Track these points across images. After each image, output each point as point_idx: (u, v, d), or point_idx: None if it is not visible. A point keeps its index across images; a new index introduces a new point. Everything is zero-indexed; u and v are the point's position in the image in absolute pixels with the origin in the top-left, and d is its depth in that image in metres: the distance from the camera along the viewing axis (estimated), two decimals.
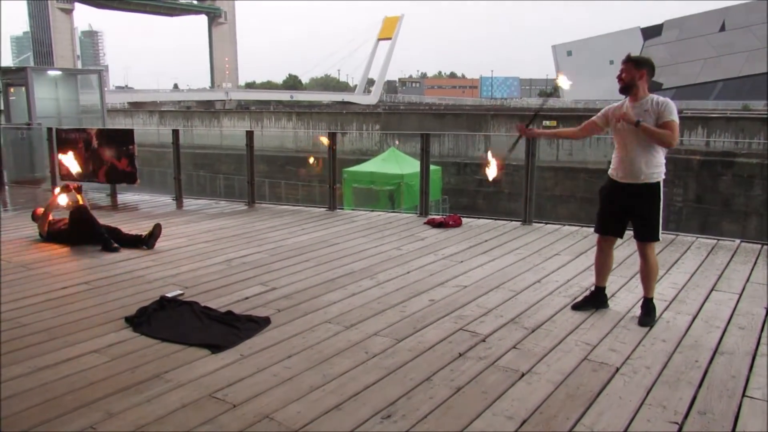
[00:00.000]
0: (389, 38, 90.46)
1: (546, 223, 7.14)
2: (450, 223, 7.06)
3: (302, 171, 22.95)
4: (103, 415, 2.76)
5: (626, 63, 3.81)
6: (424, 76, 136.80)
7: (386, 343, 3.58)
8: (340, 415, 2.76)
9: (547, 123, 24.78)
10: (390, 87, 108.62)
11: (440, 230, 6.85)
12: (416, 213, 8.03)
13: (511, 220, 7.32)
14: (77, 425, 2.67)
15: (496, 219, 7.50)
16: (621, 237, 4.15)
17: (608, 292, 4.33)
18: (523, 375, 3.17)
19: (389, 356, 3.41)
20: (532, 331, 3.78)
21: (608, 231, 4.11)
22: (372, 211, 8.69)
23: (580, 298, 4.32)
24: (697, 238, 6.30)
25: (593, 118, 4.12)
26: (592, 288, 4.30)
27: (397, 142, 22.44)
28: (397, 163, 17.77)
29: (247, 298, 4.44)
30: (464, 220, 7.30)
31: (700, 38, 58.50)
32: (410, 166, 16.64)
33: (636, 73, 3.78)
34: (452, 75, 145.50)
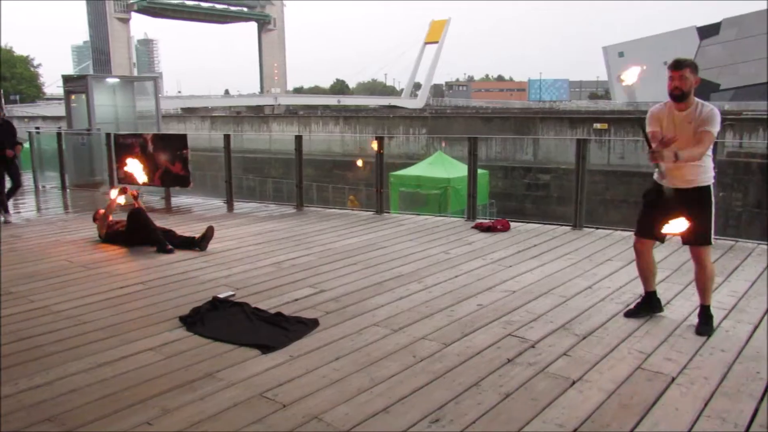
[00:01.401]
0: (436, 42, 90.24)
1: (597, 228, 6.99)
2: (498, 227, 7.00)
3: (349, 175, 23.11)
4: (159, 411, 2.84)
5: (681, 69, 3.59)
6: (471, 79, 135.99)
7: (434, 347, 3.57)
8: (388, 419, 2.77)
9: (597, 126, 24.30)
10: (437, 90, 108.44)
11: (488, 234, 6.79)
12: (464, 217, 7.99)
13: (561, 225, 7.19)
14: (134, 421, 2.75)
15: (545, 223, 7.39)
16: (662, 242, 4.04)
17: (663, 299, 4.20)
18: (574, 382, 3.11)
19: (437, 360, 3.39)
20: (584, 338, 3.71)
21: (649, 234, 3.97)
22: (419, 214, 8.68)
23: (632, 306, 4.21)
24: (758, 244, 6.05)
25: (652, 130, 3.77)
26: (643, 294, 4.18)
27: (443, 144, 22.36)
28: (443, 166, 17.71)
29: (296, 300, 4.50)
30: (512, 224, 7.22)
31: (761, 37, 56.28)
32: (457, 169, 16.56)
33: (693, 79, 3.62)
34: (500, 78, 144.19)
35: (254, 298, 4.53)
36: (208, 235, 6.22)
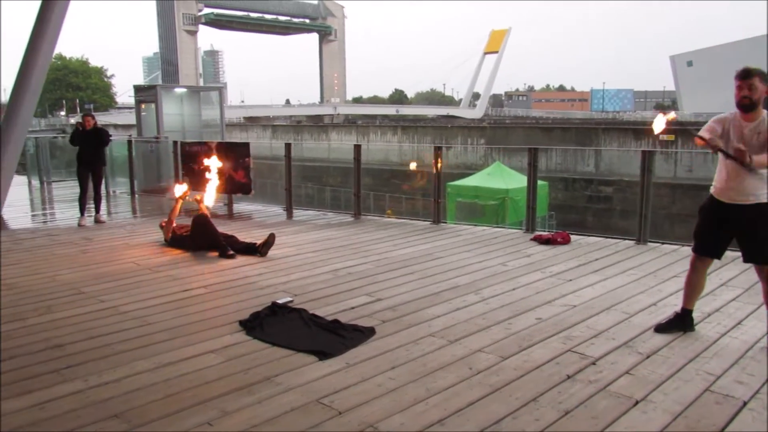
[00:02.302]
0: (496, 51, 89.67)
1: (662, 243, 6.75)
2: (558, 239, 6.85)
3: (406, 184, 23.16)
4: (219, 413, 2.91)
5: (750, 78, 3.45)
6: (531, 89, 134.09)
7: (491, 360, 3.53)
8: (443, 431, 2.74)
9: (663, 137, 23.51)
10: (496, 101, 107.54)
11: (547, 247, 6.66)
12: (522, 229, 7.87)
13: (624, 239, 6.98)
14: (195, 421, 2.83)
15: (607, 237, 7.19)
16: (719, 259, 3.92)
17: (735, 319, 4.03)
18: (637, 402, 3.00)
19: (494, 374, 3.35)
20: (647, 357, 3.58)
21: (708, 252, 3.85)
22: (476, 225, 8.61)
23: (664, 321, 4.08)
24: None
25: (707, 137, 3.56)
26: (678, 311, 4.04)
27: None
28: (502, 177, 17.51)
29: (353, 307, 4.53)
30: (573, 237, 7.06)
31: None
32: (515, 180, 16.35)
33: (763, 88, 3.47)
34: (561, 88, 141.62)
35: (312, 304, 4.59)
36: (269, 241, 6.35)
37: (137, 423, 2.82)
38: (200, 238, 6.50)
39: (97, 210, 8.79)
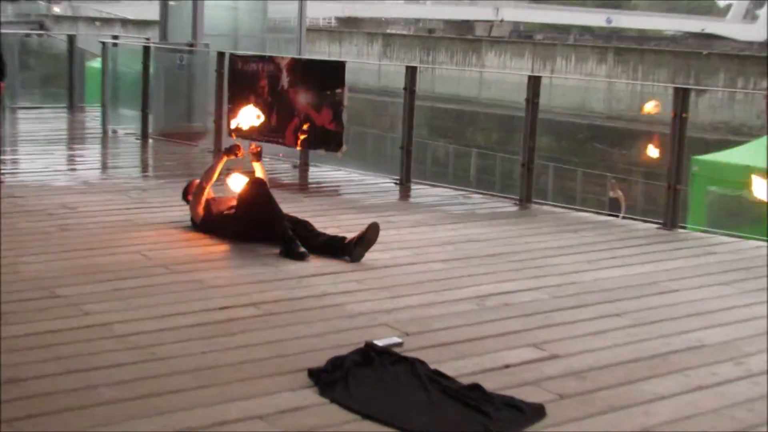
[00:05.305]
0: None
1: None
2: None
3: (618, 154, 22.71)
4: None
5: None
6: None
7: None
8: None
9: None
10: None
11: None
12: None
13: None
14: None
15: None
16: None
17: None
18: None
19: None
20: None
21: None
22: (746, 238, 8.25)
23: None
24: None
25: None
26: None
27: None
28: None
29: (507, 366, 4.51)
30: None
31: None
32: None
33: None
34: None
35: (434, 353, 4.60)
36: (367, 237, 6.40)
37: None
38: (253, 220, 6.68)
39: None
